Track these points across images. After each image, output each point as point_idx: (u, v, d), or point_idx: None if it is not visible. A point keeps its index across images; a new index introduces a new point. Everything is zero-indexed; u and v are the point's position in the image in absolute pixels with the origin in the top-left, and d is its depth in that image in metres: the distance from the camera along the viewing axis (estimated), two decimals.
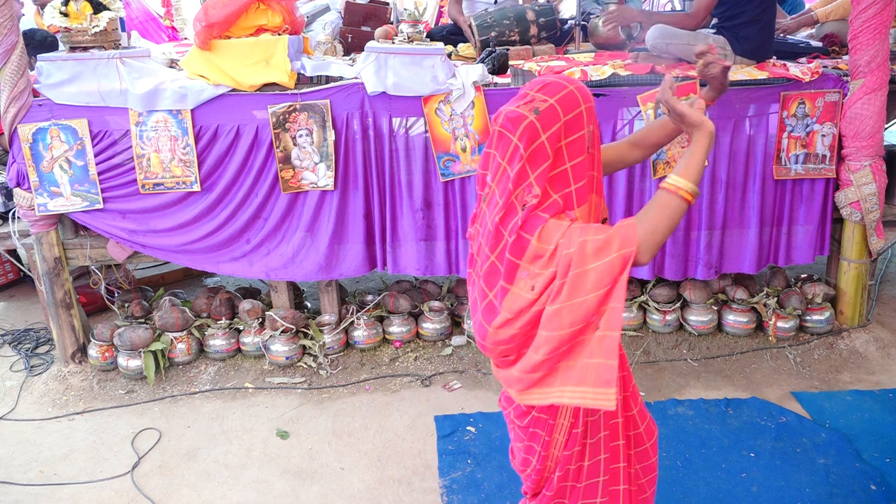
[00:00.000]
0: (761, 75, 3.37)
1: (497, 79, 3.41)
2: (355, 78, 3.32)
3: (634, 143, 1.94)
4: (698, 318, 3.68)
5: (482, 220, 1.69)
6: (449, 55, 3.62)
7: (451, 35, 4.14)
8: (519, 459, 1.95)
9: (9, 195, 3.63)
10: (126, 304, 3.83)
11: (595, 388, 1.49)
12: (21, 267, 4.46)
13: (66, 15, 3.27)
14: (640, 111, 3.30)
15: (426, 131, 3.33)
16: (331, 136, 3.31)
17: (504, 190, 1.60)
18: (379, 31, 3.69)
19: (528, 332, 1.62)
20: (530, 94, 1.60)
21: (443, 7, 6.01)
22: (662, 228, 1.54)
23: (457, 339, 3.74)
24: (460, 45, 3.97)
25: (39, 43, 4.11)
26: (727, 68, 1.86)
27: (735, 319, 3.66)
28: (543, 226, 1.57)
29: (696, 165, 1.59)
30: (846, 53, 3.46)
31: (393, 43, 3.44)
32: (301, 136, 3.30)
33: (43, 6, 4.84)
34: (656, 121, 1.93)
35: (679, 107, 1.67)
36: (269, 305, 3.77)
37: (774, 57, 3.62)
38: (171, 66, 3.56)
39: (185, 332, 3.62)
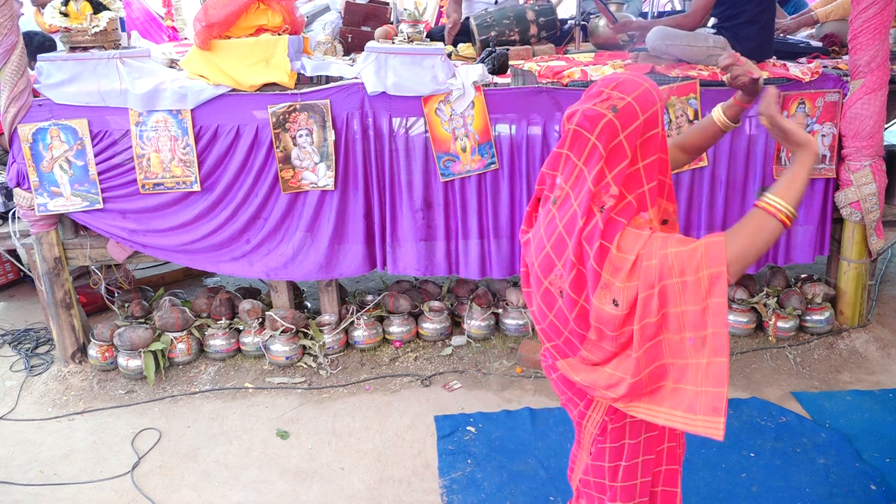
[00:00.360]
0: (761, 75, 3.37)
1: (497, 79, 3.41)
2: (355, 78, 3.32)
3: (681, 146, 1.91)
4: None
5: (549, 223, 1.63)
6: (449, 55, 3.62)
7: None
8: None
9: (9, 195, 3.63)
10: (126, 304, 3.83)
11: (704, 416, 1.46)
12: (21, 267, 4.46)
13: (66, 15, 3.26)
14: None
15: (426, 131, 3.34)
16: (331, 136, 3.31)
17: (581, 192, 1.54)
18: (379, 31, 3.69)
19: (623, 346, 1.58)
20: (605, 92, 1.55)
21: (443, 7, 6.01)
22: (755, 251, 1.46)
23: (457, 339, 3.74)
24: (460, 45, 3.97)
25: (37, 47, 4.11)
26: (756, 80, 1.81)
27: (735, 319, 3.66)
28: (622, 233, 1.52)
29: (798, 186, 1.50)
30: (846, 53, 3.47)
31: (393, 43, 3.44)
32: (301, 136, 3.30)
33: (43, 6, 4.84)
34: (698, 124, 1.90)
35: (784, 123, 1.58)
36: (269, 305, 3.77)
37: (774, 57, 3.62)
38: (171, 66, 3.56)
39: (185, 332, 3.62)
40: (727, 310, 1.47)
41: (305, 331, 3.63)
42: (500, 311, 3.77)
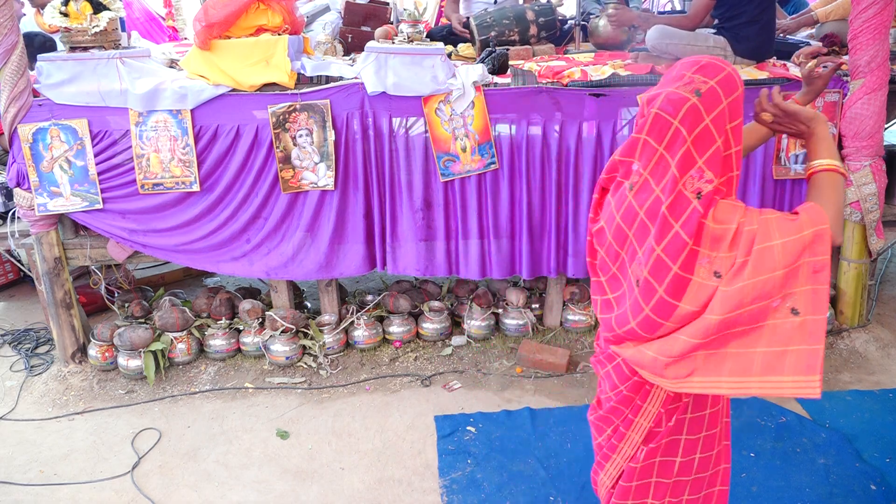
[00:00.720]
0: (761, 75, 3.37)
1: (497, 79, 3.41)
2: (355, 78, 3.32)
3: None
4: None
5: (627, 211, 1.58)
6: (449, 55, 3.62)
7: (451, 35, 4.14)
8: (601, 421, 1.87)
9: (9, 195, 3.63)
10: (126, 304, 3.83)
11: (794, 377, 1.42)
12: (21, 267, 4.46)
13: (66, 15, 3.27)
14: None
15: (426, 131, 3.34)
16: (331, 136, 3.31)
17: (664, 177, 1.50)
18: (379, 31, 3.69)
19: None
20: (687, 76, 1.51)
21: (443, 7, 6.02)
22: (840, 206, 1.56)
23: (457, 339, 3.74)
24: (460, 45, 3.97)
25: (38, 48, 4.11)
26: (839, 66, 1.83)
27: None
28: (715, 206, 1.49)
29: (833, 147, 1.66)
30: (846, 53, 3.46)
31: (393, 43, 3.44)
32: (301, 135, 3.30)
33: (43, 7, 4.84)
34: (748, 125, 1.88)
35: (790, 107, 1.70)
36: (269, 305, 3.77)
37: (774, 57, 3.62)
38: (171, 66, 3.56)
39: (185, 332, 3.62)
40: (830, 267, 1.45)
41: (305, 331, 3.63)
42: (500, 311, 3.77)
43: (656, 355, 1.56)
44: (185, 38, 6.25)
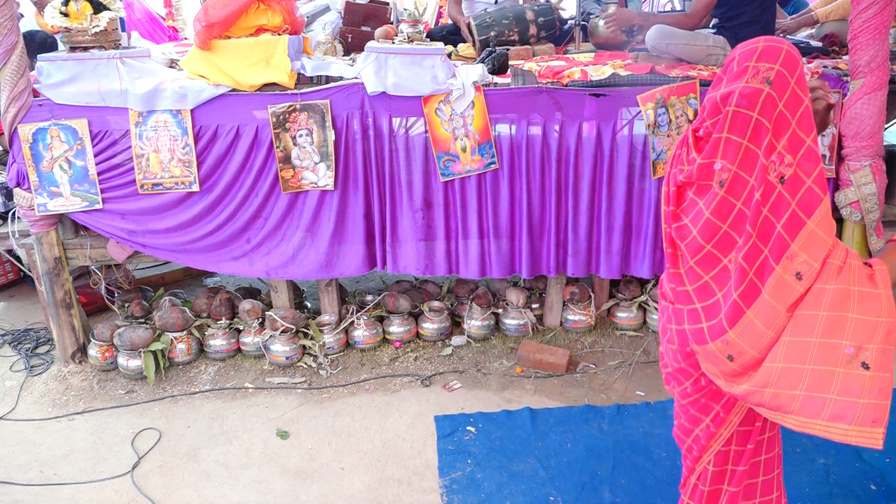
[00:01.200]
0: None
1: (497, 79, 3.41)
2: (355, 78, 3.32)
3: None
4: None
5: (720, 206, 1.60)
6: (449, 55, 3.62)
7: (451, 35, 4.14)
8: (682, 429, 1.90)
9: (9, 195, 3.63)
10: (126, 304, 3.83)
11: (859, 427, 1.45)
12: (21, 267, 4.46)
13: (66, 15, 3.27)
14: (640, 111, 3.30)
15: (426, 131, 3.34)
16: (331, 135, 3.31)
17: (754, 168, 1.53)
18: (379, 31, 3.69)
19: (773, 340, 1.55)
20: (752, 66, 1.53)
21: (443, 7, 6.02)
22: None
23: (457, 339, 3.74)
24: (460, 45, 3.97)
25: (39, 45, 4.12)
26: (831, 106, 1.81)
27: None
28: (821, 208, 1.51)
29: None
30: (846, 53, 3.46)
31: (393, 43, 3.44)
32: (301, 135, 3.31)
33: (42, 7, 4.85)
34: None
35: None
36: (269, 305, 3.77)
37: None
38: (171, 66, 3.56)
39: (185, 332, 3.63)
40: None
41: (305, 331, 3.63)
42: (500, 311, 3.77)
43: (751, 387, 1.57)
44: (185, 38, 6.25)
